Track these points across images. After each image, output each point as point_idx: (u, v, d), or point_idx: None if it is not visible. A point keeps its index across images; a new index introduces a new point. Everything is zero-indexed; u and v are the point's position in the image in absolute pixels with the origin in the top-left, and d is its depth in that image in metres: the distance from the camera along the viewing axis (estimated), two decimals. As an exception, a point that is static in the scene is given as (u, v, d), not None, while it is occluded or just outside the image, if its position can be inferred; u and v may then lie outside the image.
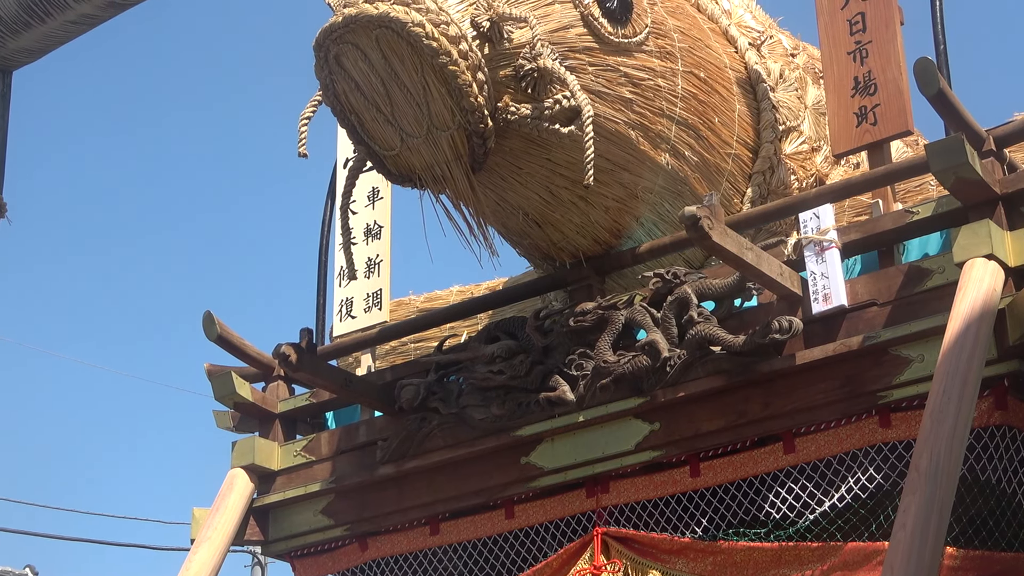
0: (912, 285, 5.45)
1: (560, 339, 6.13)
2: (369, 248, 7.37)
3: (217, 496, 6.82)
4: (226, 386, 6.90)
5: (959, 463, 4.79)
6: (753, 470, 5.71)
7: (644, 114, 5.98)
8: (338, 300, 7.43)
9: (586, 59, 5.80)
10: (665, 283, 5.92)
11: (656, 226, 6.30)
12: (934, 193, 6.18)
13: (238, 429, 7.12)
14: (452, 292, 8.01)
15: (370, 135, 5.80)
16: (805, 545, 5.53)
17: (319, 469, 6.84)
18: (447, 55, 5.38)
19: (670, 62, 6.12)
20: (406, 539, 6.63)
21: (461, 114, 5.50)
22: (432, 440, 6.41)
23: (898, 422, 5.41)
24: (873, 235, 5.67)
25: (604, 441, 5.98)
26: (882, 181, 5.86)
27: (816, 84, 7.09)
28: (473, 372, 6.31)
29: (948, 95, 5.43)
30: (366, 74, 5.60)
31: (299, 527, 6.89)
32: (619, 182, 6.04)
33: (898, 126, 5.90)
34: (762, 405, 5.65)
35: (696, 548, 5.76)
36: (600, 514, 6.03)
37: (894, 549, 4.61)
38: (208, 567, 6.47)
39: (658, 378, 5.81)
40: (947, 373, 4.90)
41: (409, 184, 5.90)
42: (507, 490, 6.26)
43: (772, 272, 5.57)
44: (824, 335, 5.57)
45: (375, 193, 7.43)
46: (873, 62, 5.99)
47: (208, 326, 6.85)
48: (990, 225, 5.24)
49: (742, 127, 6.53)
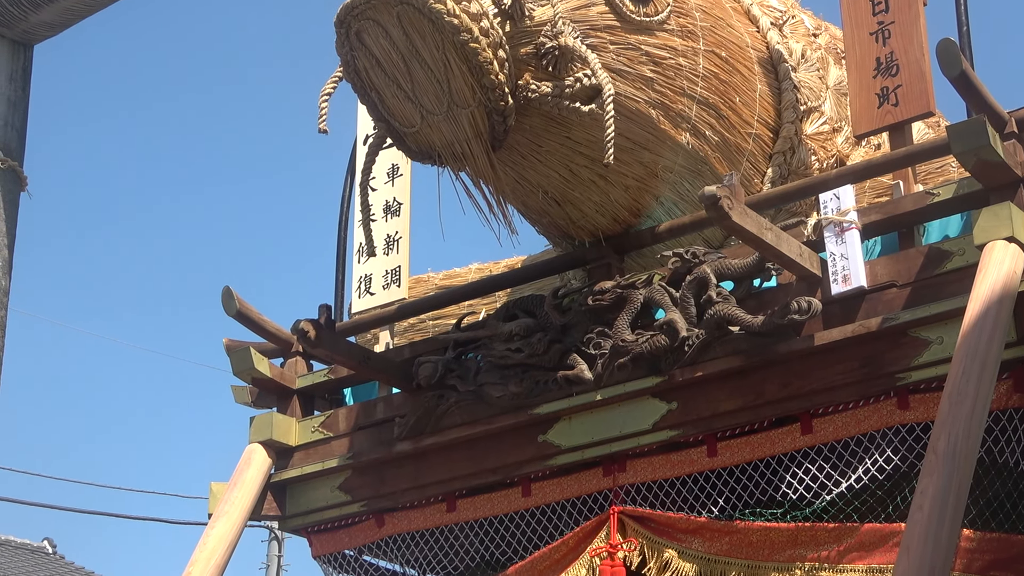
0: (932, 267, 5.44)
1: (578, 318, 6.13)
2: (388, 225, 7.37)
3: (235, 471, 6.84)
4: (245, 361, 6.91)
5: (977, 445, 4.79)
6: (770, 450, 5.71)
7: (665, 93, 5.97)
8: (357, 277, 7.43)
9: (607, 37, 5.78)
10: (684, 263, 5.92)
11: (676, 205, 6.29)
12: (955, 175, 6.15)
13: (256, 405, 7.13)
14: (471, 270, 8.01)
15: (390, 112, 5.80)
16: (822, 526, 5.53)
17: (336, 445, 6.85)
18: (468, 32, 5.37)
19: (691, 41, 6.10)
20: (423, 516, 6.64)
21: (482, 91, 5.49)
22: (449, 417, 6.41)
23: (916, 404, 5.41)
24: (893, 216, 5.65)
25: (621, 420, 5.98)
26: (903, 162, 5.84)
27: (838, 64, 7.07)
28: (491, 350, 6.32)
29: (970, 76, 5.41)
30: (387, 51, 5.59)
31: (316, 503, 6.91)
32: (639, 161, 6.03)
33: (920, 107, 5.88)
34: (780, 386, 5.64)
35: (712, 528, 5.76)
36: (617, 493, 6.04)
37: (911, 531, 4.61)
38: (225, 541, 6.49)
39: (676, 357, 5.81)
40: (966, 355, 4.90)
41: (429, 161, 5.90)
42: (524, 468, 6.27)
43: (791, 252, 5.56)
44: (843, 316, 5.56)
45: (395, 170, 7.42)
46: (895, 43, 5.97)
47: (227, 301, 6.87)
48: (1011, 207, 5.22)
49: (763, 107, 6.52)
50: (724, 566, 5.73)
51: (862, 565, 5.41)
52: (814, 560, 5.51)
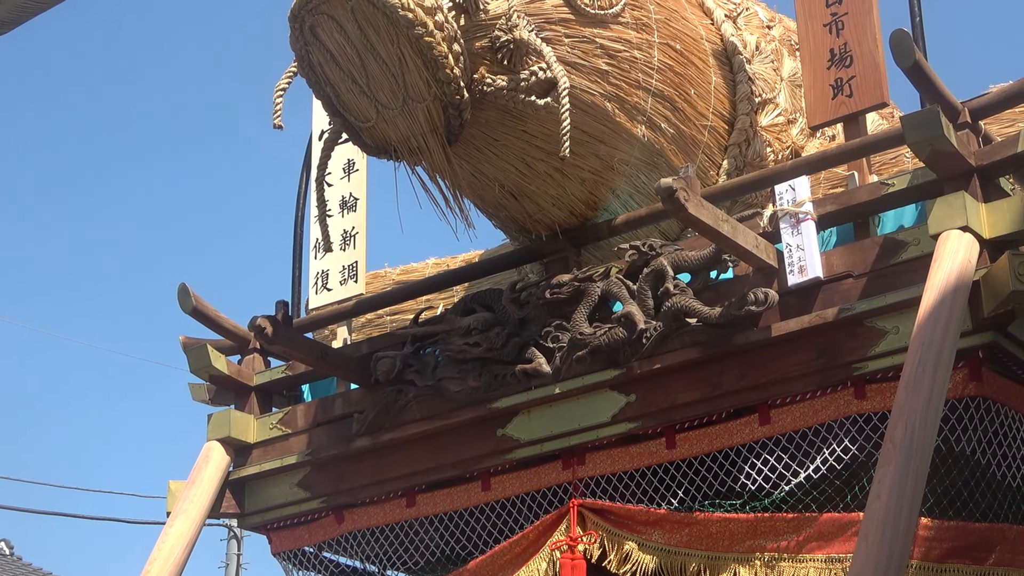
0: (887, 257, 5.46)
1: (536, 311, 6.13)
2: (345, 220, 7.36)
3: (193, 469, 6.81)
4: (201, 359, 6.88)
5: (934, 434, 4.81)
6: (729, 442, 5.72)
7: (620, 86, 5.97)
8: (314, 272, 7.41)
9: (562, 30, 5.78)
10: (641, 255, 5.93)
11: (632, 198, 6.29)
12: (909, 165, 6.19)
13: (214, 402, 7.11)
14: (428, 264, 8.00)
15: (346, 107, 5.78)
16: (780, 516, 5.55)
17: (295, 442, 6.83)
18: (423, 26, 5.36)
19: (646, 34, 6.10)
20: (382, 511, 6.63)
21: (437, 86, 5.48)
22: (408, 412, 6.41)
23: (873, 393, 5.43)
24: (849, 207, 5.67)
25: (580, 413, 5.99)
26: (858, 153, 5.86)
27: (792, 56, 7.09)
28: (449, 344, 6.31)
29: (924, 67, 5.43)
30: (341, 45, 5.57)
31: (275, 499, 6.88)
32: (595, 154, 6.04)
33: (874, 98, 5.90)
34: (737, 377, 5.66)
35: (672, 519, 5.77)
36: (576, 486, 6.04)
37: (869, 519, 4.63)
38: (184, 540, 6.46)
39: (634, 350, 5.82)
40: (922, 345, 4.92)
41: (385, 156, 5.89)
42: (483, 462, 6.26)
43: (748, 244, 5.57)
44: (799, 307, 5.57)
45: (351, 165, 7.41)
46: (849, 34, 5.99)
47: (183, 298, 6.84)
48: (965, 197, 5.24)
49: (718, 99, 6.53)
50: (684, 558, 5.74)
51: (821, 555, 5.43)
52: (773, 550, 5.53)
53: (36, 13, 7.27)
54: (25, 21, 7.31)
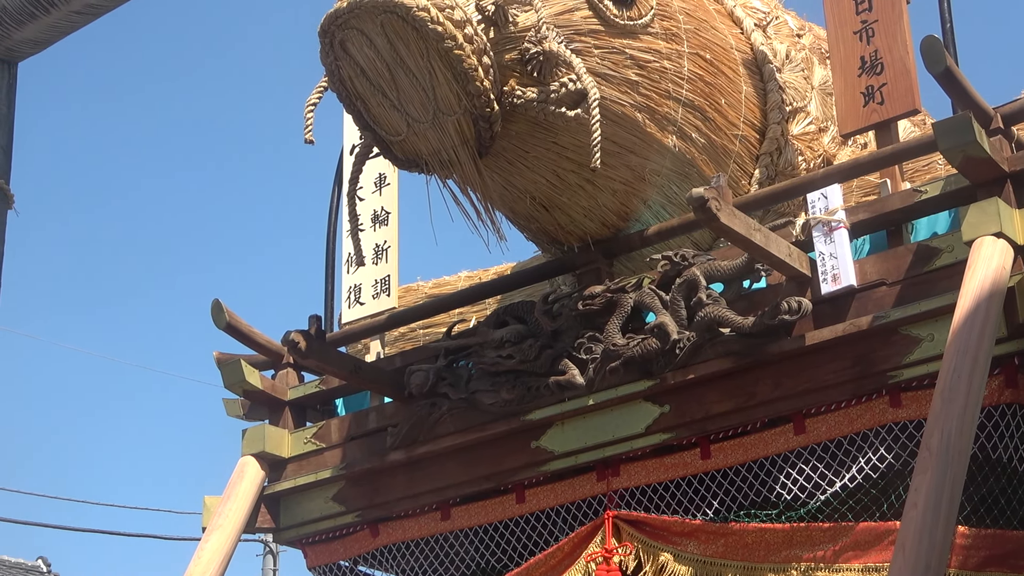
0: (921, 264, 5.44)
1: (569, 323, 6.12)
2: (377, 234, 7.37)
3: (228, 484, 6.83)
4: (235, 374, 6.90)
5: (970, 442, 4.79)
6: (763, 451, 5.71)
7: (650, 96, 5.97)
8: (346, 287, 7.43)
9: (591, 42, 5.79)
10: (673, 265, 5.92)
11: (664, 208, 6.29)
12: (942, 172, 6.16)
13: (248, 417, 7.12)
14: (460, 277, 8.00)
15: (376, 121, 5.79)
16: (817, 526, 5.53)
17: (329, 456, 6.84)
18: (452, 39, 5.37)
19: (676, 44, 6.10)
20: (417, 524, 6.63)
21: (467, 98, 5.49)
22: (442, 425, 6.41)
23: (908, 402, 5.41)
24: (881, 215, 5.66)
25: (614, 424, 5.98)
26: (890, 160, 5.84)
27: (822, 64, 7.08)
28: (482, 357, 6.31)
29: (955, 73, 5.41)
30: (371, 59, 5.59)
31: (310, 514, 6.89)
32: (626, 165, 6.03)
33: (905, 105, 5.89)
34: (772, 386, 5.64)
35: (707, 530, 5.75)
36: (611, 497, 6.03)
37: (906, 528, 4.61)
38: (220, 555, 6.48)
39: (667, 360, 5.81)
40: (957, 352, 4.89)
41: (416, 169, 5.90)
42: (518, 474, 6.26)
43: (780, 253, 5.56)
44: (833, 315, 5.56)
45: (382, 179, 7.42)
46: (879, 41, 5.98)
47: (217, 314, 6.86)
48: (998, 203, 5.22)
49: (749, 108, 6.52)
50: (720, 568, 5.72)
51: (858, 564, 5.41)
52: (810, 560, 5.50)
53: (68, 32, 7.32)
54: (57, 40, 7.36)
